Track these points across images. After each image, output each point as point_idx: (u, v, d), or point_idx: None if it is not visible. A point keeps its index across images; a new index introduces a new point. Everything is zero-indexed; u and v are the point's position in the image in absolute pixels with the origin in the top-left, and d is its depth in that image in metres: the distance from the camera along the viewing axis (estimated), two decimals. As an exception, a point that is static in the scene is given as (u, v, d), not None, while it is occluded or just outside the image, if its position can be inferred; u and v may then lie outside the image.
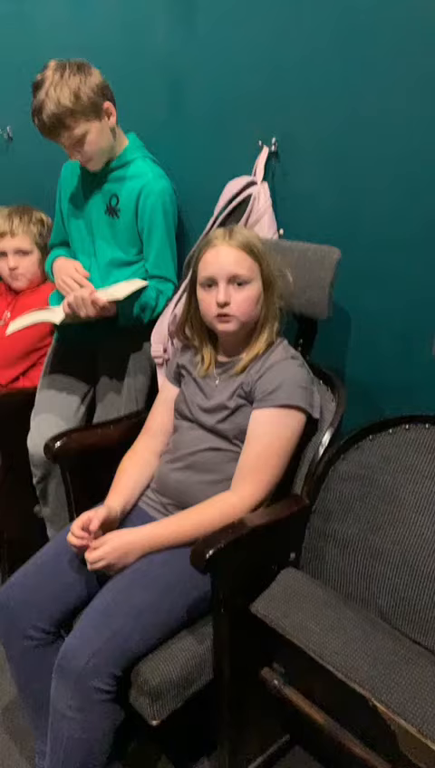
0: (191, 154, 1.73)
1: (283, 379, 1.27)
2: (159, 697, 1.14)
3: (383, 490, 1.24)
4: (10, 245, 1.95)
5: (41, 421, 1.74)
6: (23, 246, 1.95)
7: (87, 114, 1.56)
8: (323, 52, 1.40)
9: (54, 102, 1.51)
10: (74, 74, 1.54)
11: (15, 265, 1.96)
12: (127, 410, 1.68)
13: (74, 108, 1.53)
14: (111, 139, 1.65)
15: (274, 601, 1.17)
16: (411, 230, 1.36)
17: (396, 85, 1.30)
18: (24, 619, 1.23)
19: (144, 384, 1.72)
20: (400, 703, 0.97)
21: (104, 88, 1.59)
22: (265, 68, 1.51)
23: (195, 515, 1.25)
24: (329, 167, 1.45)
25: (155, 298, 1.64)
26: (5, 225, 1.95)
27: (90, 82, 1.55)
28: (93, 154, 1.64)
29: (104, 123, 1.61)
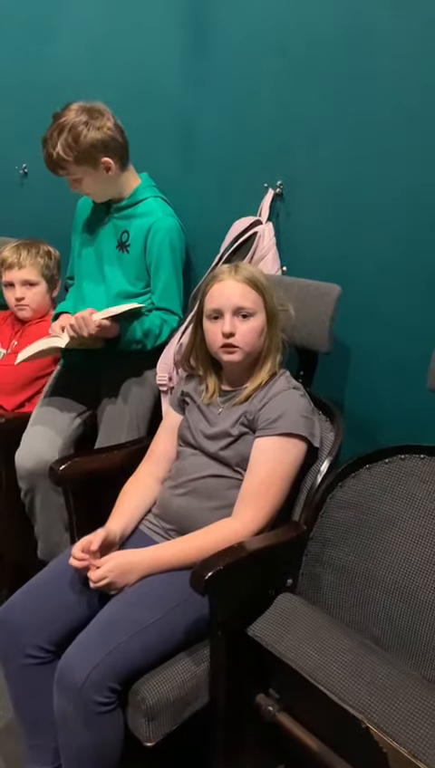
0: (200, 195, 1.81)
1: (285, 409, 1.32)
2: (156, 718, 1.15)
3: (379, 518, 1.28)
4: (17, 277, 2.01)
5: (31, 434, 1.76)
6: (30, 278, 2.01)
7: (80, 164, 1.65)
8: (327, 100, 1.49)
9: (53, 145, 1.63)
10: (80, 124, 1.62)
11: (22, 296, 2.01)
12: (129, 438, 1.71)
13: (66, 158, 1.63)
14: (110, 185, 1.74)
15: (270, 624, 1.19)
16: (409, 269, 1.43)
17: (397, 131, 1.39)
18: (23, 637, 1.25)
19: (146, 412, 1.76)
20: (392, 725, 0.98)
21: (106, 143, 1.65)
22: (271, 114, 1.60)
23: (197, 539, 1.28)
24: (331, 208, 1.53)
25: (159, 326, 1.70)
26: (13, 257, 2.01)
27: (90, 137, 1.62)
28: (91, 192, 1.75)
29: (100, 174, 1.69)
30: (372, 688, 1.04)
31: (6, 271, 2.02)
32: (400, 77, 1.36)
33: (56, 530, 1.78)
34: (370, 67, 1.41)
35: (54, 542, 1.79)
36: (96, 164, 1.67)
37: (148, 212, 1.76)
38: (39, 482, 1.71)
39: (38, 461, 1.69)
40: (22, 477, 1.73)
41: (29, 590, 1.32)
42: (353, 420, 1.47)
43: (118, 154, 1.70)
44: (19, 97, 2.35)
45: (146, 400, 1.76)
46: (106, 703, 1.12)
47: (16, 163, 2.43)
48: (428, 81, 1.32)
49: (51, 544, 1.80)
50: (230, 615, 1.18)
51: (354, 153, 1.46)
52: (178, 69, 1.80)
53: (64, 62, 2.17)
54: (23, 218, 2.41)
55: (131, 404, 1.75)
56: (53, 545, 1.80)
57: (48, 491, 1.72)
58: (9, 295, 2.04)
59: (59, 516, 1.76)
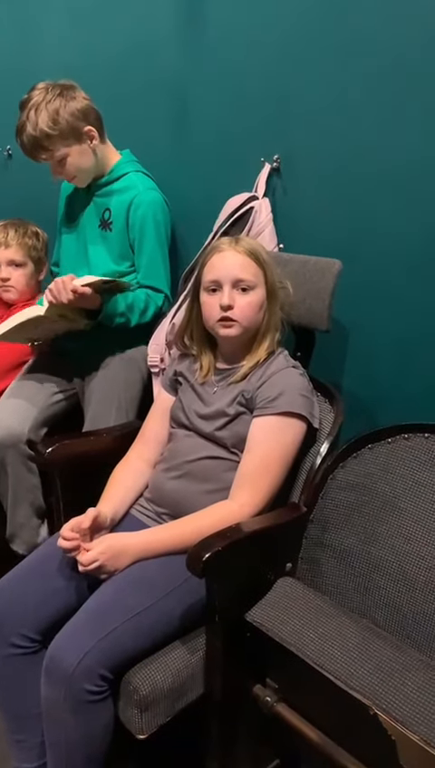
0: (193, 170, 1.76)
1: (284, 387, 1.27)
2: (149, 709, 1.10)
3: (382, 500, 1.23)
4: (3, 256, 1.94)
5: (3, 406, 1.69)
6: (16, 258, 1.95)
7: (66, 138, 1.60)
8: (325, 71, 1.44)
9: (33, 125, 1.57)
10: (56, 98, 1.58)
11: (8, 276, 1.95)
12: (117, 422, 1.65)
13: (51, 132, 1.58)
14: (93, 160, 1.69)
15: (270, 609, 1.14)
16: (409, 245, 1.39)
17: (396, 102, 1.35)
18: (8, 625, 1.18)
19: (135, 396, 1.70)
20: (402, 711, 0.94)
21: (86, 111, 1.62)
22: (267, 87, 1.55)
23: (193, 522, 1.23)
24: (330, 183, 1.48)
25: (144, 301, 1.64)
26: (0, 235, 1.95)
27: (69, 107, 1.59)
28: (75, 173, 1.69)
29: (85, 146, 1.65)
30: (379, 673, 0.99)
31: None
32: (399, 44, 1.32)
33: (21, 510, 1.70)
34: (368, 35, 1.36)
35: (19, 524, 1.71)
36: (80, 135, 1.62)
37: (128, 186, 1.71)
38: (7, 454, 1.63)
39: (7, 432, 1.62)
40: None
41: (13, 577, 1.25)
42: (351, 401, 1.43)
43: (97, 124, 1.66)
44: (3, 77, 2.28)
45: (134, 384, 1.70)
46: (97, 692, 1.06)
47: (0, 145, 2.36)
48: (428, 47, 1.28)
49: (15, 525, 1.72)
50: (228, 600, 1.13)
51: (354, 125, 1.41)
52: (170, 40, 1.75)
53: (51, 38, 2.10)
54: (7, 201, 2.34)
55: (119, 388, 1.69)
56: (17, 526, 1.72)
57: (18, 465, 1.64)
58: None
59: (28, 497, 1.69)
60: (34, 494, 1.70)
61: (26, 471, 1.66)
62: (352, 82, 1.40)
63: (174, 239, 1.79)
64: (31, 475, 1.67)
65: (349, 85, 1.41)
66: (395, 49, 1.33)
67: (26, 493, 1.68)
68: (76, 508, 1.41)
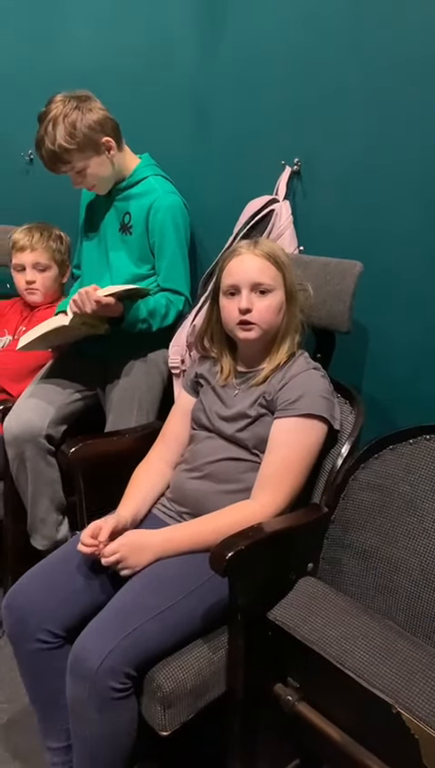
0: (214, 174, 1.78)
1: (305, 389, 1.27)
2: (172, 705, 1.11)
3: (404, 500, 1.23)
4: (29, 259, 1.97)
5: (23, 403, 1.71)
6: (41, 261, 1.98)
7: (84, 150, 1.63)
8: (345, 74, 1.45)
9: (51, 140, 1.59)
10: (73, 111, 1.60)
11: (33, 279, 1.98)
12: (138, 423, 1.66)
13: (69, 146, 1.60)
14: (112, 169, 1.71)
15: (292, 608, 1.14)
16: (430, 247, 1.39)
17: (416, 106, 1.35)
18: (33, 621, 1.20)
19: (156, 397, 1.72)
20: (425, 710, 0.94)
21: (103, 123, 1.64)
22: (288, 90, 1.56)
23: (214, 521, 1.24)
24: (350, 186, 1.49)
25: (165, 305, 1.66)
26: (25, 239, 1.98)
27: (86, 120, 1.60)
28: (95, 182, 1.71)
29: (103, 157, 1.67)
30: (402, 672, 0.99)
31: (18, 253, 1.98)
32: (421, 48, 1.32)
33: (42, 505, 1.72)
34: (389, 39, 1.37)
35: (39, 519, 1.73)
36: (98, 147, 1.65)
37: (148, 191, 1.72)
38: (26, 448, 1.65)
39: (25, 427, 1.64)
40: (8, 443, 1.66)
41: (37, 574, 1.27)
42: (371, 403, 1.43)
43: (115, 133, 1.68)
44: (25, 82, 2.31)
45: (155, 385, 1.72)
46: (121, 689, 1.08)
47: (22, 149, 2.39)
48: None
49: (35, 520, 1.73)
50: (250, 599, 1.13)
51: (374, 128, 1.42)
52: (190, 44, 1.76)
53: (71, 44, 2.13)
54: (28, 205, 2.37)
55: (140, 389, 1.70)
56: (37, 522, 1.73)
57: (36, 460, 1.66)
58: (20, 278, 2.00)
59: (47, 491, 1.71)
60: (54, 489, 1.71)
61: (45, 465, 1.68)
62: (372, 85, 1.41)
63: (194, 242, 1.80)
64: (50, 469, 1.69)
65: (369, 88, 1.42)
66: (416, 53, 1.33)
67: (45, 487, 1.69)
68: (98, 507, 1.44)
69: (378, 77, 1.40)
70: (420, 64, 1.33)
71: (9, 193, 2.49)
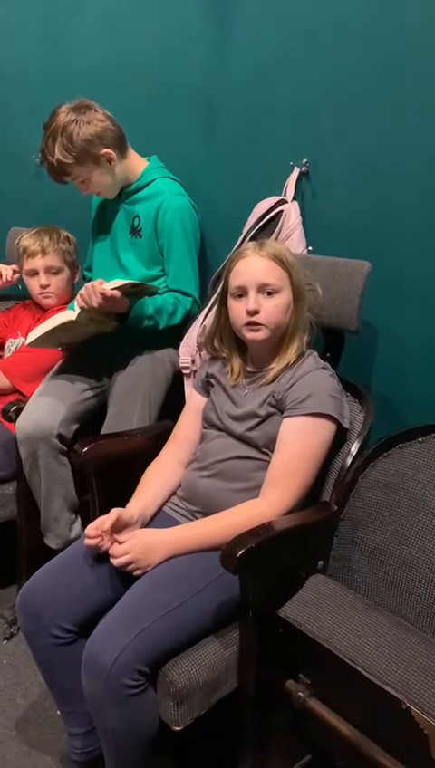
0: (223, 175, 1.79)
1: (314, 388, 1.28)
2: (184, 701, 1.12)
3: (413, 499, 1.24)
4: (41, 264, 1.99)
5: (35, 401, 1.72)
6: (54, 264, 1.99)
7: (82, 164, 1.66)
8: (353, 76, 1.46)
9: (51, 154, 1.64)
10: (70, 124, 1.62)
11: (47, 283, 1.99)
12: (139, 422, 1.67)
13: (67, 161, 1.63)
14: (115, 177, 1.73)
15: (302, 605, 1.16)
16: (439, 247, 1.40)
17: (425, 105, 1.36)
18: (46, 617, 1.22)
19: (159, 396, 1.72)
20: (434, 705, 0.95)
21: (101, 135, 1.65)
22: (296, 91, 1.57)
23: (224, 519, 1.25)
24: (358, 186, 1.50)
25: (172, 304, 1.68)
26: (36, 244, 1.99)
27: (83, 134, 1.62)
28: (99, 189, 1.74)
29: (104, 168, 1.69)
30: (412, 668, 1.00)
31: (30, 258, 1.98)
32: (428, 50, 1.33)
33: (55, 504, 1.73)
34: (397, 41, 1.38)
35: (53, 518, 1.75)
36: (97, 159, 1.67)
37: (155, 193, 1.74)
38: (39, 447, 1.66)
39: (37, 425, 1.66)
40: (21, 442, 1.68)
41: (50, 571, 1.29)
42: (381, 403, 1.44)
43: (115, 143, 1.69)
44: (37, 84, 2.34)
45: (159, 384, 1.73)
46: (135, 686, 1.09)
47: (33, 152, 2.41)
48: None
49: (49, 519, 1.75)
50: (261, 596, 1.15)
51: (383, 128, 1.43)
52: (199, 45, 1.78)
53: (82, 47, 2.15)
54: (39, 207, 2.39)
55: (144, 387, 1.71)
56: (50, 520, 1.75)
57: (49, 459, 1.68)
58: (33, 283, 2.01)
59: (60, 490, 1.73)
60: (66, 488, 1.73)
61: (58, 464, 1.69)
62: (381, 86, 1.42)
63: (204, 243, 1.82)
64: (62, 468, 1.70)
65: (378, 89, 1.43)
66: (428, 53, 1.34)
67: (58, 486, 1.71)
68: (111, 506, 1.45)
69: (387, 78, 1.41)
70: (431, 64, 1.33)
71: (21, 195, 2.51)
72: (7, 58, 2.42)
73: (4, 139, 2.52)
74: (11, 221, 2.34)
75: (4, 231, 2.32)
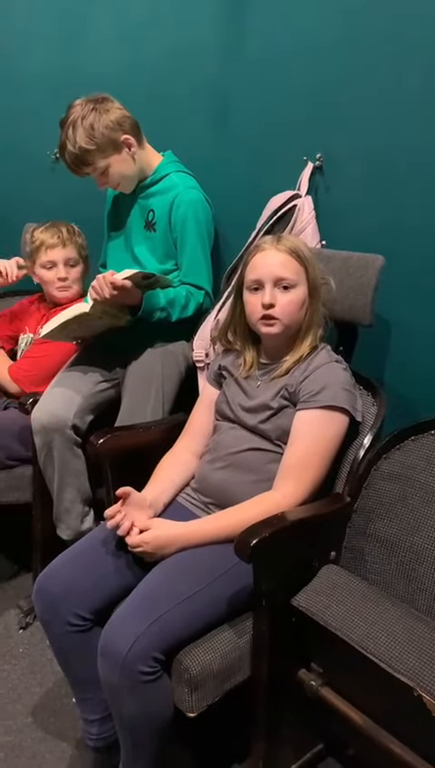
0: (236, 170, 1.80)
1: (328, 381, 1.30)
2: (198, 688, 1.14)
3: (425, 491, 1.25)
4: (61, 256, 1.99)
5: (50, 392, 1.75)
6: (72, 256, 2.01)
7: (104, 150, 1.67)
8: (366, 69, 1.47)
9: (72, 143, 1.65)
10: (90, 113, 1.65)
11: (66, 276, 2.00)
12: (152, 414, 1.69)
13: (90, 147, 1.65)
14: (135, 165, 1.74)
15: (316, 595, 1.17)
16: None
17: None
18: (63, 605, 1.24)
19: (172, 389, 1.74)
20: (446, 693, 0.96)
21: (121, 121, 1.68)
22: (310, 85, 1.58)
23: (238, 513, 1.27)
24: (372, 180, 1.51)
25: (184, 296, 1.69)
26: (54, 236, 1.99)
27: (104, 120, 1.65)
28: (119, 181, 1.75)
29: (124, 154, 1.71)
30: (424, 656, 1.01)
31: (49, 251, 1.98)
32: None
33: (67, 494, 1.75)
34: (410, 33, 1.38)
35: (64, 508, 1.77)
36: (118, 145, 1.68)
37: (170, 187, 1.76)
38: (54, 438, 1.69)
39: (53, 416, 1.68)
40: (36, 432, 1.70)
41: (66, 560, 1.31)
42: (394, 397, 1.44)
43: (133, 130, 1.71)
44: (52, 81, 2.36)
45: (172, 377, 1.74)
46: (150, 673, 1.11)
47: (48, 148, 2.43)
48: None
49: (60, 510, 1.77)
50: (274, 585, 1.16)
51: (396, 123, 1.43)
52: (213, 40, 1.79)
53: (97, 45, 2.16)
54: (55, 203, 2.41)
55: (157, 380, 1.72)
56: (62, 511, 1.77)
57: (63, 450, 1.70)
58: (50, 276, 2.00)
59: (73, 482, 1.75)
60: (80, 480, 1.75)
61: (72, 455, 1.72)
62: (394, 80, 1.42)
63: (217, 237, 1.83)
64: (76, 460, 1.72)
65: (391, 83, 1.43)
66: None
67: (72, 478, 1.73)
68: (126, 498, 1.48)
69: (401, 72, 1.41)
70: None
71: (36, 191, 2.54)
72: (23, 58, 2.45)
73: (21, 137, 2.55)
74: (26, 218, 2.36)
75: (19, 227, 2.34)
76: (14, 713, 1.56)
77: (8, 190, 2.64)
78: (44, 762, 1.44)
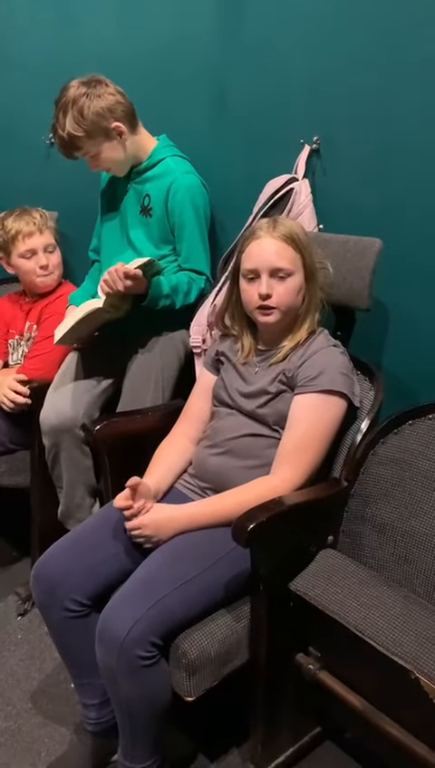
0: (233, 153, 1.78)
1: (325, 366, 1.29)
2: (196, 672, 1.15)
3: (422, 475, 1.25)
4: (40, 243, 1.96)
5: (56, 391, 1.75)
6: (51, 242, 1.98)
7: (93, 137, 1.64)
8: (364, 51, 1.44)
9: (62, 128, 1.63)
10: (81, 97, 1.61)
11: (47, 262, 1.97)
12: (153, 401, 1.68)
13: (78, 134, 1.62)
14: (125, 152, 1.72)
15: (313, 579, 1.17)
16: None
17: None
18: (61, 590, 1.25)
19: (172, 375, 1.73)
20: (443, 676, 0.96)
21: (112, 108, 1.64)
22: (306, 68, 1.56)
23: (236, 496, 1.27)
24: (369, 163, 1.49)
25: (187, 283, 1.68)
26: (29, 225, 1.95)
27: (94, 107, 1.61)
28: (110, 165, 1.73)
29: (114, 142, 1.68)
30: (421, 639, 1.02)
31: (27, 239, 1.94)
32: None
33: (78, 491, 1.77)
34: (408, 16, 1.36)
35: (76, 504, 1.78)
36: (108, 132, 1.66)
37: (166, 172, 1.74)
38: (63, 438, 1.70)
39: (62, 417, 1.69)
40: (45, 433, 1.71)
41: (65, 545, 1.32)
42: (391, 379, 1.44)
43: (126, 117, 1.68)
44: (46, 66, 2.33)
45: (172, 364, 1.74)
46: (148, 657, 1.12)
47: (43, 133, 2.41)
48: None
49: (72, 506, 1.79)
50: (272, 570, 1.17)
51: (394, 105, 1.41)
52: (210, 23, 1.76)
53: (91, 28, 2.13)
54: (50, 188, 2.39)
55: (157, 367, 1.72)
56: (74, 507, 1.79)
57: (72, 449, 1.71)
58: (30, 265, 1.97)
59: (82, 479, 1.76)
60: (88, 476, 1.76)
61: (81, 454, 1.73)
62: (393, 62, 1.40)
63: (214, 222, 1.81)
64: (85, 458, 1.74)
65: (390, 65, 1.41)
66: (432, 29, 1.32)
67: (81, 475, 1.75)
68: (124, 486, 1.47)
69: (399, 53, 1.39)
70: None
71: (31, 176, 2.51)
72: (19, 42, 2.41)
73: (16, 124, 2.52)
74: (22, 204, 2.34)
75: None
76: (14, 699, 1.57)
77: (2, 176, 2.61)
78: (44, 747, 1.44)
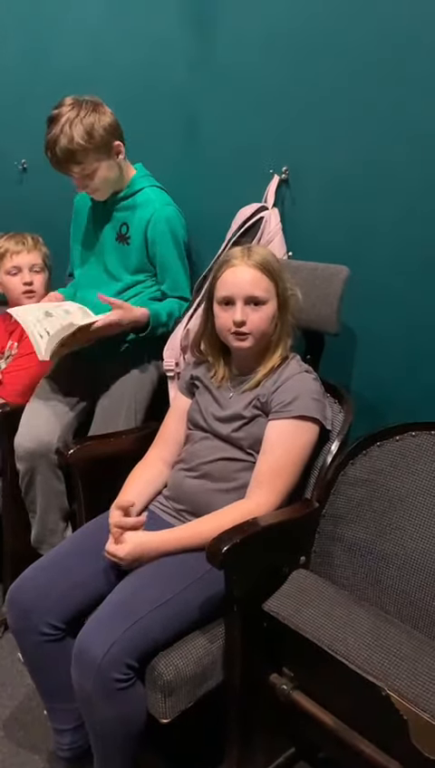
0: (204, 182, 1.83)
1: (299, 392, 1.32)
2: (172, 693, 1.15)
3: (391, 495, 1.28)
4: (26, 261, 1.99)
5: (30, 416, 1.75)
6: (37, 262, 2.01)
7: (98, 152, 1.66)
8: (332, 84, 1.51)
9: (68, 138, 1.61)
10: (90, 113, 1.64)
11: (31, 280, 1.99)
12: (125, 425, 1.70)
13: (87, 146, 1.63)
14: (118, 173, 1.75)
15: (286, 599, 1.19)
16: (412, 251, 1.44)
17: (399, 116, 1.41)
18: (36, 614, 1.25)
19: (145, 399, 1.76)
20: (413, 692, 0.99)
21: (115, 127, 1.69)
22: (276, 99, 1.62)
23: (212, 521, 1.28)
24: (336, 193, 1.55)
25: (178, 309, 1.74)
26: (18, 245, 1.99)
27: (103, 122, 1.65)
28: (100, 186, 1.75)
29: (112, 161, 1.71)
30: (392, 657, 1.04)
31: (13, 256, 1.97)
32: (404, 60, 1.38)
33: (52, 517, 1.77)
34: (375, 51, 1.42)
35: (49, 530, 1.79)
36: (110, 150, 1.69)
37: (145, 202, 1.77)
38: (39, 463, 1.70)
39: (38, 442, 1.69)
40: (21, 458, 1.71)
41: (38, 570, 1.32)
42: (360, 402, 1.47)
43: (122, 139, 1.72)
44: (18, 92, 2.36)
45: (144, 387, 1.76)
46: (124, 680, 1.12)
47: (15, 158, 2.43)
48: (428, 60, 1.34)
49: (45, 531, 1.79)
50: (245, 591, 1.18)
51: (360, 137, 1.47)
52: (180, 53, 1.81)
53: (63, 54, 2.18)
54: (22, 214, 2.41)
55: (129, 391, 1.74)
56: (47, 532, 1.79)
57: (47, 473, 1.71)
58: (15, 282, 1.99)
59: (56, 503, 1.76)
60: (61, 500, 1.77)
61: (55, 478, 1.74)
62: (359, 95, 1.46)
63: (188, 248, 1.85)
64: (58, 482, 1.75)
65: (356, 97, 1.47)
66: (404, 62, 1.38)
67: (56, 499, 1.75)
68: (98, 508, 1.48)
69: (365, 86, 1.45)
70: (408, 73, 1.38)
71: (2, 201, 2.53)
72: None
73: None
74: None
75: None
76: (-15, 727, 1.55)
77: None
78: (17, 775, 1.43)
